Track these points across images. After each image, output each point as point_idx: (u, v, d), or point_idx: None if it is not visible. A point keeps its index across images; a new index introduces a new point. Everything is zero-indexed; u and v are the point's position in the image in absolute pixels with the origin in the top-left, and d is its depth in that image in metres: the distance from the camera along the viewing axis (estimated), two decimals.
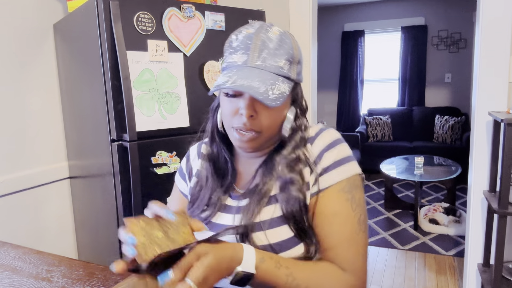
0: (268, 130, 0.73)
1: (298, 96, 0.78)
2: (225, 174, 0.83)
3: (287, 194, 0.72)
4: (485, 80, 1.83)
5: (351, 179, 0.73)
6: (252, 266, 0.63)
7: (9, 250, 1.14)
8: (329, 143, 0.75)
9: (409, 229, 3.28)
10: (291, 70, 0.73)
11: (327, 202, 0.72)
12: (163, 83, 1.53)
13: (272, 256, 0.67)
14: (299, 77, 0.76)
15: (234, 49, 0.73)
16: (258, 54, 0.71)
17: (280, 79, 0.70)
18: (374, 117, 5.11)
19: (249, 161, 0.82)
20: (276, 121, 0.73)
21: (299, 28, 2.12)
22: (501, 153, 1.74)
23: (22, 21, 1.74)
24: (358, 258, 0.71)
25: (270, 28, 0.73)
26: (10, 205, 1.72)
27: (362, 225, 0.73)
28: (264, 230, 0.71)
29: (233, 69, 0.72)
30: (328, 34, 5.77)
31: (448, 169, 3.56)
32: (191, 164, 0.91)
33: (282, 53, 0.71)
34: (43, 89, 1.85)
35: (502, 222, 1.61)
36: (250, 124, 0.71)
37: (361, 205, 0.74)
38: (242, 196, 0.78)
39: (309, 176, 0.74)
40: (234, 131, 0.74)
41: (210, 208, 0.80)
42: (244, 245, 0.65)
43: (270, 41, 0.71)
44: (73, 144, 1.89)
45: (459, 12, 4.97)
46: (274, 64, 0.71)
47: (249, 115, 0.70)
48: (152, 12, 1.48)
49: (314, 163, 0.74)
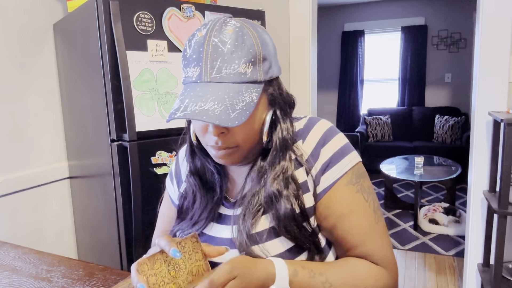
0: (245, 143, 0.66)
1: (275, 95, 0.68)
2: (214, 187, 0.76)
3: (275, 210, 0.65)
4: (485, 80, 1.83)
5: (355, 169, 0.68)
6: (286, 282, 0.60)
7: (9, 250, 1.14)
8: (323, 137, 0.69)
9: (409, 229, 3.28)
10: (256, 72, 0.62)
11: (338, 200, 0.67)
12: (163, 83, 1.53)
13: (304, 266, 0.63)
14: (269, 75, 0.65)
15: (188, 61, 0.63)
16: (210, 64, 0.60)
17: (244, 87, 0.60)
18: (374, 117, 5.11)
19: (239, 167, 0.75)
20: (253, 131, 0.66)
21: (299, 28, 2.12)
22: (501, 153, 1.74)
23: (22, 21, 1.74)
24: (386, 249, 0.68)
25: (225, 25, 0.62)
26: (10, 205, 1.73)
27: (378, 212, 0.69)
28: (262, 243, 0.66)
29: (187, 87, 0.63)
30: (328, 34, 5.77)
31: (448, 169, 3.56)
32: (180, 168, 0.86)
33: (240, 55, 0.60)
34: (43, 89, 1.85)
35: (502, 222, 1.61)
36: (222, 142, 0.64)
37: (372, 192, 0.70)
38: (235, 205, 0.73)
39: (306, 177, 0.68)
40: (210, 148, 0.67)
41: (202, 220, 0.74)
42: (274, 260, 0.62)
43: (224, 45, 0.60)
44: (73, 144, 1.89)
45: (459, 12, 4.97)
46: (233, 72, 0.60)
47: (217, 133, 0.63)
48: (152, 12, 1.48)
49: (309, 161, 0.68)
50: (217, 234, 0.73)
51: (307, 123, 0.71)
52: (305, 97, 2.11)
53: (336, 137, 0.69)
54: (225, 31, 0.61)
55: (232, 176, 0.77)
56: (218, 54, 0.60)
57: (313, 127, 0.70)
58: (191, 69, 0.63)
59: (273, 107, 0.68)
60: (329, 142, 0.68)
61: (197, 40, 0.62)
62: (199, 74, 0.61)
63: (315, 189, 0.68)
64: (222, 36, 0.61)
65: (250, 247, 0.65)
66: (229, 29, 0.62)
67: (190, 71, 0.63)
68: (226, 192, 0.77)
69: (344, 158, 0.68)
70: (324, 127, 0.70)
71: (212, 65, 0.60)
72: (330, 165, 0.67)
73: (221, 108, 0.57)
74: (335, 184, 0.67)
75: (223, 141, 0.64)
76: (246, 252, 0.65)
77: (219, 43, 0.60)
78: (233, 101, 0.59)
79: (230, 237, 0.70)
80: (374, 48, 5.62)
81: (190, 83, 0.63)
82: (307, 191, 0.68)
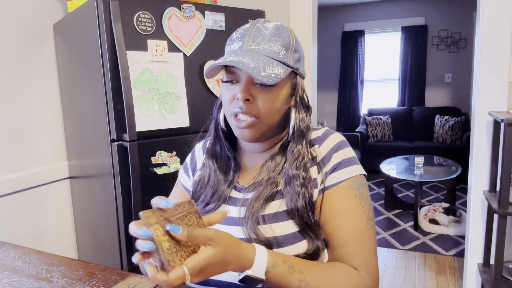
0: (266, 116, 0.72)
1: (298, 88, 0.77)
2: (228, 171, 0.82)
3: (292, 189, 0.72)
4: (485, 80, 1.82)
5: (358, 178, 0.75)
6: (262, 270, 0.62)
7: (9, 250, 1.14)
8: (337, 145, 0.77)
9: (409, 229, 3.27)
10: (287, 56, 0.72)
11: (336, 198, 0.73)
12: (163, 83, 1.53)
13: (286, 260, 0.66)
14: (296, 66, 0.75)
15: (232, 41, 0.75)
16: (252, 39, 0.72)
17: (275, 63, 0.70)
18: (374, 117, 5.11)
19: (254, 156, 0.82)
20: (274, 107, 0.73)
21: (299, 28, 2.12)
22: (501, 153, 1.74)
23: (22, 21, 1.74)
24: (370, 255, 0.71)
25: (269, 21, 0.75)
26: (10, 205, 1.73)
27: (371, 221, 0.73)
28: (270, 223, 0.72)
29: (228, 53, 0.74)
30: (328, 34, 5.77)
31: (448, 169, 3.56)
32: (195, 159, 0.92)
33: (277, 39, 0.72)
34: (43, 89, 1.85)
35: (502, 222, 1.61)
36: (246, 108, 0.71)
37: (369, 203, 0.75)
38: (248, 189, 0.79)
39: (317, 174, 0.75)
40: (233, 118, 0.74)
41: (214, 202, 0.80)
42: (257, 248, 0.64)
43: (266, 29, 0.72)
44: (73, 144, 1.89)
45: (459, 12, 4.97)
46: (269, 49, 0.71)
47: (244, 98, 0.70)
48: (152, 12, 1.48)
49: (322, 163, 0.75)
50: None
51: (325, 132, 0.81)
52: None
53: (347, 148, 0.78)
54: (269, 23, 0.74)
55: (246, 165, 0.84)
56: (260, 34, 0.72)
57: (329, 136, 0.79)
58: (234, 44, 0.74)
59: (296, 100, 0.77)
60: (341, 150, 0.77)
61: (244, 27, 0.75)
62: (241, 45, 0.72)
63: (319, 186, 0.75)
64: (266, 25, 0.74)
65: (256, 226, 0.71)
66: (272, 23, 0.74)
67: (233, 45, 0.74)
68: (238, 178, 0.83)
69: (351, 166, 0.75)
70: (339, 138, 0.79)
71: (253, 40, 0.72)
72: (338, 168, 0.74)
73: (255, 65, 0.67)
74: (337, 184, 0.74)
75: (247, 107, 0.71)
76: (252, 230, 0.71)
77: (262, 28, 0.73)
78: (265, 66, 0.68)
79: (238, 216, 0.76)
80: (374, 48, 5.62)
81: (230, 52, 0.74)
82: (315, 187, 0.75)
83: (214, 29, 1.65)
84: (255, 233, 0.71)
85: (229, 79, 0.73)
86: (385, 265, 2.68)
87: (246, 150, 0.83)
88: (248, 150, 0.83)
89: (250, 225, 0.71)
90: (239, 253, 0.61)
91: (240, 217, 0.75)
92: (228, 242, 0.60)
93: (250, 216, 0.73)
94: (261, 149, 0.81)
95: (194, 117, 1.61)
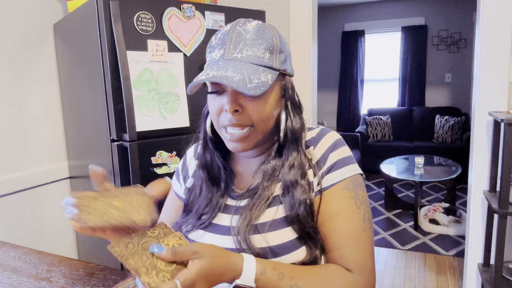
0: (260, 124, 0.69)
1: (287, 89, 0.73)
2: (220, 181, 0.79)
3: (291, 196, 0.70)
4: (485, 80, 1.82)
5: (354, 178, 0.73)
6: (251, 279, 0.62)
7: (9, 250, 1.14)
8: (333, 144, 0.74)
9: (409, 229, 3.27)
10: (272, 59, 0.68)
11: (331, 200, 0.71)
12: (163, 83, 1.53)
13: (275, 267, 0.64)
14: (283, 67, 0.71)
15: (212, 48, 0.71)
16: (233, 46, 0.67)
17: (261, 69, 0.66)
18: (374, 117, 5.11)
19: (248, 162, 0.79)
20: (266, 114, 0.69)
21: (299, 28, 2.12)
22: (501, 153, 1.74)
23: (22, 21, 1.74)
24: (366, 257, 0.69)
25: (249, 22, 0.70)
26: (10, 205, 1.72)
27: (367, 222, 0.71)
28: (265, 233, 0.69)
29: (210, 65, 0.69)
30: (328, 34, 5.76)
31: (448, 169, 3.56)
32: (187, 166, 0.89)
33: (260, 43, 0.67)
34: (43, 89, 1.85)
35: (502, 222, 1.61)
36: (236, 120, 0.67)
37: (365, 203, 0.73)
38: (242, 197, 0.76)
39: (313, 178, 0.72)
40: (224, 131, 0.70)
41: (208, 212, 0.77)
42: (245, 256, 0.64)
43: (247, 33, 0.68)
44: (73, 144, 1.89)
45: (459, 12, 4.97)
46: (252, 54, 0.66)
47: (232, 110, 0.66)
48: (152, 12, 1.48)
49: (317, 165, 0.73)
50: (218, 221, 0.76)
51: (319, 132, 0.77)
52: (305, 97, 2.11)
53: (343, 147, 0.75)
54: (248, 25, 0.69)
55: (239, 171, 0.81)
56: (241, 39, 0.67)
57: (324, 136, 0.76)
58: (215, 52, 0.70)
59: (286, 101, 0.73)
60: (337, 150, 0.74)
61: (223, 32, 0.70)
62: (222, 54, 0.68)
63: (315, 188, 0.72)
64: (246, 27, 0.69)
65: (249, 236, 0.69)
66: (252, 24, 0.69)
67: (214, 54, 0.70)
68: (234, 185, 0.80)
69: (346, 167, 0.73)
70: (334, 137, 0.76)
71: (234, 46, 0.67)
72: (333, 169, 0.72)
73: (240, 77, 0.63)
74: (332, 186, 0.72)
75: (237, 119, 0.67)
76: (246, 241, 0.68)
77: (242, 32, 0.68)
78: (250, 76, 0.64)
79: (229, 225, 0.73)
80: (374, 48, 5.62)
81: (212, 62, 0.69)
82: (313, 190, 0.72)
83: (214, 29, 1.65)
84: (247, 243, 0.68)
85: (214, 90, 0.70)
86: (385, 265, 2.68)
87: (240, 156, 0.80)
88: (242, 156, 0.80)
89: (241, 235, 0.69)
90: (226, 262, 0.60)
91: (232, 226, 0.72)
92: (213, 252, 0.60)
93: (241, 225, 0.70)
94: (255, 154, 0.77)
95: (194, 117, 1.61)
